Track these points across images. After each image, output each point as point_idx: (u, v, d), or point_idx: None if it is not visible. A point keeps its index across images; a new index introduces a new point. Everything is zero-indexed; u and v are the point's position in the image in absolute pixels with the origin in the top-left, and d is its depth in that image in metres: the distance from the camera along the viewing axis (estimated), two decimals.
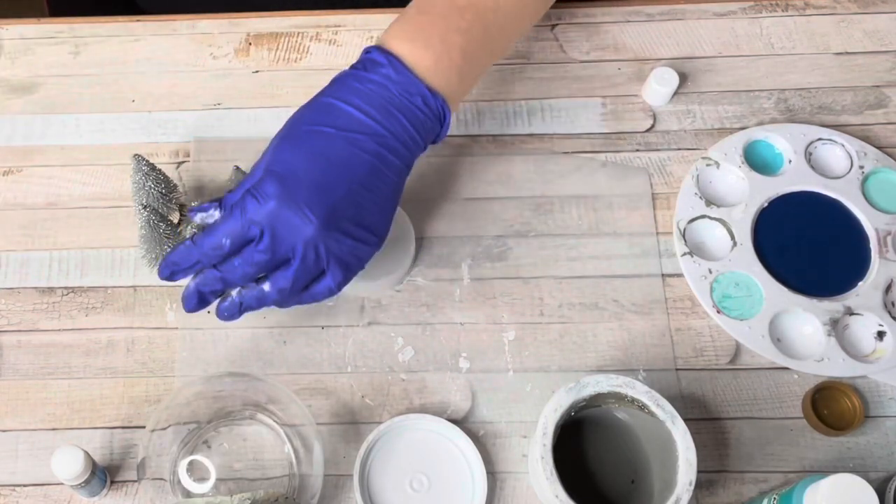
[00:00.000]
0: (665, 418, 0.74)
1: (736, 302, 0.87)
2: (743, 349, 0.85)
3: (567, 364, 0.85)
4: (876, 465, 0.82)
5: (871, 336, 0.86)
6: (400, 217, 0.88)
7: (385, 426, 0.81)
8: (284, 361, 0.85)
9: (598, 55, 0.98)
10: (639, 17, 1.00)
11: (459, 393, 0.84)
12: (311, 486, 0.77)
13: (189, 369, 0.84)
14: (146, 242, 0.83)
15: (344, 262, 0.76)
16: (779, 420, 0.83)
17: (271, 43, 0.98)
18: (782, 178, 0.92)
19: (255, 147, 0.93)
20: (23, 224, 0.90)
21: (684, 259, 0.88)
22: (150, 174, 0.85)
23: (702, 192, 0.91)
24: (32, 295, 0.87)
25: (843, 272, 0.89)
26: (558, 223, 0.90)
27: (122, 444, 0.82)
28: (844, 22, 1.00)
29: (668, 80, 0.94)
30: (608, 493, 0.79)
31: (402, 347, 0.86)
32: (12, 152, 0.93)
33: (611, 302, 0.87)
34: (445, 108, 0.78)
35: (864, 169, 0.92)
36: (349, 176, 0.74)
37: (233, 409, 0.81)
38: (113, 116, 0.95)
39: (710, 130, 0.95)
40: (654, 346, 0.86)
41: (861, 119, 0.95)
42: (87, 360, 0.85)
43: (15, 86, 0.96)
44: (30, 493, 0.80)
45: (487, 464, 0.81)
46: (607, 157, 0.93)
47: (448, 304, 0.87)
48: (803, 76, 0.97)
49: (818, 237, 0.90)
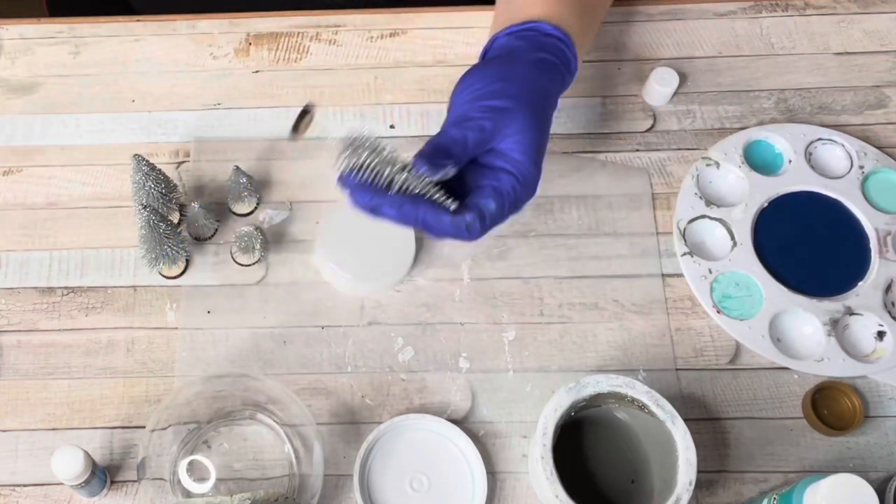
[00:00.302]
0: (665, 418, 0.74)
1: (736, 302, 0.87)
2: (743, 349, 0.85)
3: (567, 364, 0.85)
4: (876, 465, 0.82)
5: (871, 336, 0.86)
6: None
7: (385, 426, 0.81)
8: (284, 361, 0.85)
9: (598, 55, 0.98)
10: (639, 17, 1.00)
11: (459, 393, 0.84)
12: (311, 486, 0.77)
13: (189, 369, 0.84)
14: (146, 242, 0.83)
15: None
16: (779, 420, 0.83)
17: (271, 43, 0.98)
18: (782, 178, 0.92)
19: (256, 147, 0.93)
20: (23, 224, 0.90)
21: (684, 259, 0.88)
22: (150, 174, 0.85)
23: (702, 192, 0.91)
24: (32, 295, 0.87)
25: (843, 272, 0.89)
26: (558, 223, 0.90)
27: (122, 444, 0.82)
28: (844, 22, 1.00)
29: (668, 80, 0.94)
30: (608, 493, 0.79)
31: (402, 347, 0.86)
32: (12, 152, 0.93)
33: (611, 302, 0.87)
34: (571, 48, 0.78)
35: (864, 169, 0.92)
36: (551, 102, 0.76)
37: (233, 409, 0.81)
38: (113, 116, 0.95)
39: (710, 130, 0.95)
40: (654, 346, 0.86)
41: (861, 119, 0.95)
42: (87, 360, 0.85)
43: (15, 86, 0.96)
44: (30, 493, 0.80)
45: (487, 464, 0.81)
46: (607, 157, 0.93)
47: (448, 304, 0.87)
48: (803, 76, 0.97)
49: (818, 237, 0.90)
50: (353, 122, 0.94)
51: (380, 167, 0.69)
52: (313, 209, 0.91)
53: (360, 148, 0.69)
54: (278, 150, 0.93)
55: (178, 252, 0.85)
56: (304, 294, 0.87)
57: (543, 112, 0.75)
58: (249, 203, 0.90)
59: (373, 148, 0.69)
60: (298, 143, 0.93)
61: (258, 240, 0.86)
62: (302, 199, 0.91)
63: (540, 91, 0.75)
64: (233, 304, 0.87)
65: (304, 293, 0.87)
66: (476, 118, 0.72)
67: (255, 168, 0.92)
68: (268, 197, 0.91)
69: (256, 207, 0.90)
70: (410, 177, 0.69)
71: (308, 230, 0.90)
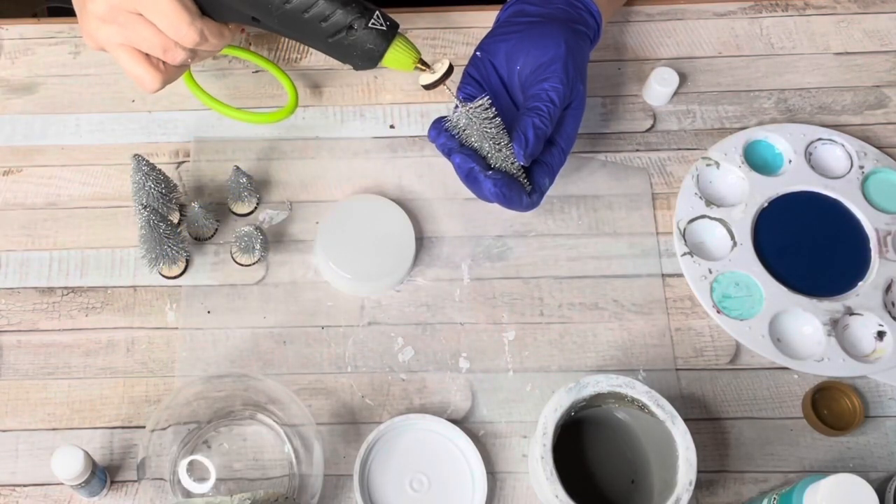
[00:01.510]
0: (665, 418, 0.74)
1: (736, 302, 0.87)
2: (743, 349, 0.85)
3: (567, 364, 0.85)
4: (876, 465, 0.82)
5: (871, 336, 0.86)
6: (400, 217, 0.88)
7: (385, 426, 0.81)
8: (284, 361, 0.85)
9: (598, 55, 0.98)
10: (639, 17, 1.00)
11: (459, 393, 0.84)
12: (311, 486, 0.77)
13: (189, 369, 0.84)
14: (146, 242, 0.83)
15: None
16: (779, 420, 0.83)
17: (271, 43, 0.98)
18: (782, 178, 0.92)
19: (255, 147, 0.93)
20: (23, 224, 0.90)
21: (684, 259, 0.88)
22: (150, 174, 0.85)
23: (702, 192, 0.91)
24: (32, 295, 0.87)
25: (843, 272, 0.89)
26: (558, 223, 0.90)
27: (122, 444, 0.82)
28: (844, 22, 1.00)
29: (668, 80, 0.94)
30: (608, 493, 0.79)
31: (402, 347, 0.86)
32: (12, 152, 0.93)
33: (611, 302, 0.87)
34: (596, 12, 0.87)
35: (864, 169, 0.92)
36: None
37: (233, 409, 0.81)
38: (113, 116, 0.95)
39: (710, 130, 0.95)
40: (654, 346, 0.86)
41: (861, 119, 0.95)
42: (87, 360, 0.85)
43: (15, 86, 0.96)
44: (30, 493, 0.80)
45: (487, 464, 0.81)
46: (607, 157, 0.93)
47: (448, 304, 0.87)
48: (803, 76, 0.97)
49: (818, 237, 0.90)
50: (353, 122, 0.94)
51: (485, 140, 0.79)
52: (313, 209, 0.91)
53: (476, 117, 0.78)
54: (278, 150, 0.93)
55: (178, 252, 0.85)
56: (304, 294, 0.87)
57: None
58: (249, 203, 0.90)
59: (487, 117, 0.78)
60: (309, 140, 0.93)
61: (258, 240, 0.86)
62: (302, 199, 0.91)
63: (580, 54, 0.85)
64: (233, 304, 0.87)
65: (304, 293, 0.87)
66: (549, 102, 0.80)
67: (255, 168, 0.92)
68: (268, 197, 0.91)
69: (256, 207, 0.91)
70: (506, 157, 0.79)
71: (308, 230, 0.90)
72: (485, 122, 0.78)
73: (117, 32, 0.77)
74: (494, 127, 0.78)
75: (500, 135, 0.79)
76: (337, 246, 0.87)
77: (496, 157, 0.79)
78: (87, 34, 0.79)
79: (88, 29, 0.78)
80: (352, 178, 0.92)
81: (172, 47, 0.76)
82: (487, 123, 0.78)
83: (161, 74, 0.78)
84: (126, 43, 0.77)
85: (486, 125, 0.78)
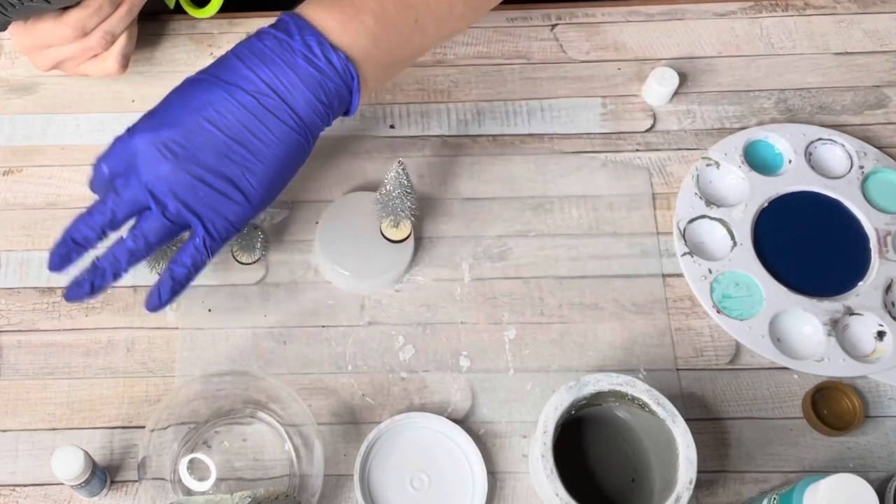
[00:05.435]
0: (665, 417, 0.74)
1: (736, 302, 0.87)
2: (743, 349, 0.85)
3: (567, 364, 0.85)
4: (876, 465, 0.82)
5: (871, 336, 0.86)
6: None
7: (385, 425, 0.81)
8: (285, 361, 0.85)
9: (598, 55, 0.98)
10: (639, 17, 1.00)
11: (460, 392, 0.84)
12: (312, 485, 0.77)
13: (189, 369, 0.84)
14: None
15: (204, 215, 0.73)
16: (779, 420, 0.83)
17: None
18: (782, 178, 0.92)
19: None
20: (23, 224, 0.90)
21: (684, 259, 0.88)
22: None
23: (702, 192, 0.91)
24: (32, 295, 0.87)
25: (843, 272, 0.89)
26: (558, 223, 0.90)
27: (122, 444, 0.82)
28: (844, 22, 1.00)
29: (668, 80, 0.94)
30: (608, 492, 0.79)
31: (402, 346, 0.86)
32: (12, 152, 0.93)
33: (611, 302, 0.87)
34: (352, 70, 0.73)
35: (864, 169, 0.92)
36: (214, 122, 0.72)
37: (233, 408, 0.81)
38: (113, 116, 0.95)
39: (710, 130, 0.95)
40: (655, 346, 0.86)
41: (861, 119, 0.95)
42: (87, 360, 0.85)
43: (15, 86, 0.96)
44: (30, 493, 0.80)
45: (488, 463, 0.81)
46: (607, 157, 0.93)
47: (448, 304, 0.87)
48: (803, 76, 0.97)
49: (818, 237, 0.90)
50: (353, 122, 0.95)
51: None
52: (313, 209, 0.91)
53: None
54: None
55: None
56: (304, 293, 0.87)
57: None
58: None
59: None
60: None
61: (258, 239, 0.86)
62: (302, 199, 0.91)
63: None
64: (233, 304, 0.87)
65: (304, 293, 0.87)
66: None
67: None
68: None
69: None
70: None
71: (308, 230, 0.90)
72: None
73: (46, 56, 0.86)
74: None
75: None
76: (337, 245, 0.87)
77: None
78: (34, 65, 0.89)
79: (31, 61, 0.88)
80: (352, 177, 0.92)
81: (84, 43, 0.84)
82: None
83: (112, 60, 0.86)
84: (59, 59, 0.86)
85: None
